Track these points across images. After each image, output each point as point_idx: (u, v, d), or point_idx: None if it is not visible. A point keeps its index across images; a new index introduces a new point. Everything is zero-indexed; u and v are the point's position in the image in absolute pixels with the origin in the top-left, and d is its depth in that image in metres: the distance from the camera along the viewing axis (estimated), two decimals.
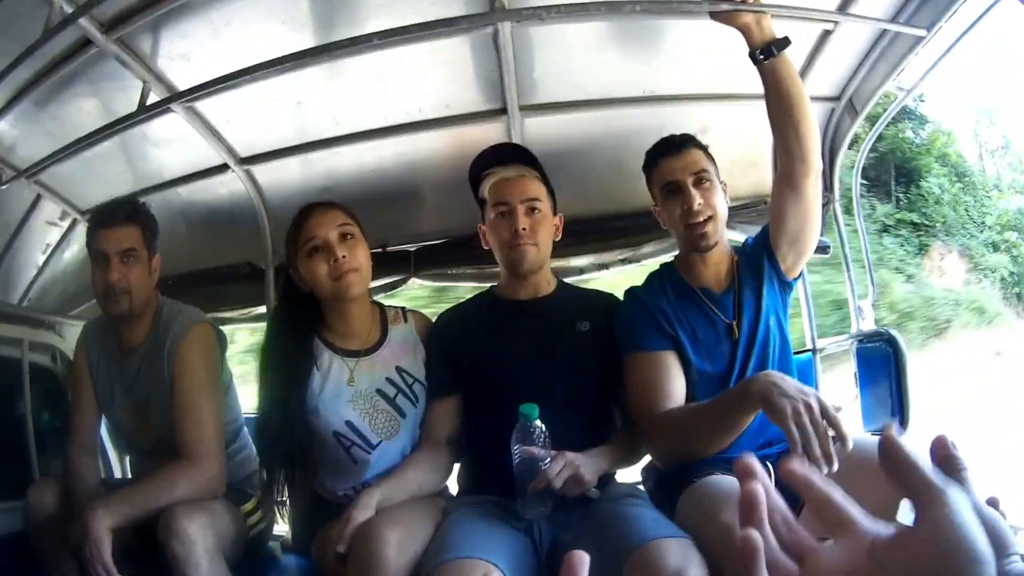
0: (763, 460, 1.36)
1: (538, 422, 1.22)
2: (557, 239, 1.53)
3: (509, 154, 1.51)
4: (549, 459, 1.21)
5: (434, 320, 1.59)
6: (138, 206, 1.57)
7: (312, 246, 1.40)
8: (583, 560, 0.42)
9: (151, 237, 1.56)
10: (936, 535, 0.43)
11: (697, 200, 1.40)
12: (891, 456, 0.49)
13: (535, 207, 1.45)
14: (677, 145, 1.46)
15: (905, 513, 0.52)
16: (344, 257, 1.39)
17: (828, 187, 2.12)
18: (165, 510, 1.31)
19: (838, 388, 2.17)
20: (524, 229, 1.43)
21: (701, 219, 1.41)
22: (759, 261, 1.47)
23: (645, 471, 1.57)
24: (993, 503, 0.52)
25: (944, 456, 0.50)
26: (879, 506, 0.64)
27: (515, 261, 1.45)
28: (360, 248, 1.44)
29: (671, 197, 1.44)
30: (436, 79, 1.76)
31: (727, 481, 1.29)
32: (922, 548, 0.44)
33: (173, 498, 1.35)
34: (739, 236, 1.90)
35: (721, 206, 1.44)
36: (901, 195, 10.73)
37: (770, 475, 1.30)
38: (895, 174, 10.71)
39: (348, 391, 1.43)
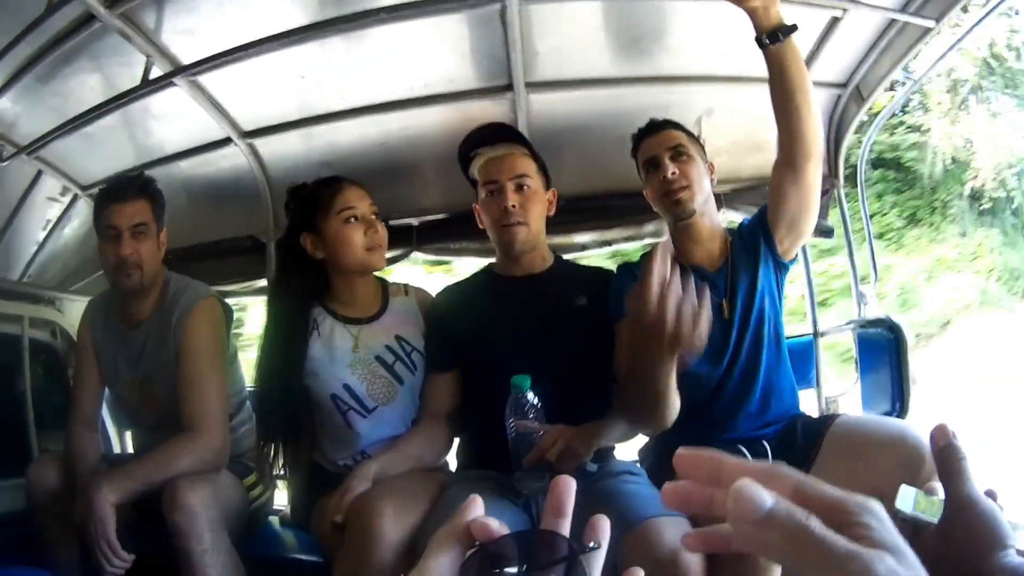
0: (760, 440, 1.37)
1: (530, 393, 1.22)
2: (551, 214, 1.54)
3: (496, 133, 1.52)
4: (543, 432, 1.22)
5: (434, 296, 1.60)
6: (148, 181, 1.58)
7: (351, 214, 1.45)
8: (606, 524, 0.44)
9: (160, 211, 1.57)
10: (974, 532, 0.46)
11: (671, 169, 1.44)
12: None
13: (524, 184, 1.46)
14: (656, 126, 1.52)
15: (904, 499, 0.52)
16: (380, 232, 1.47)
17: (833, 173, 2.12)
18: (168, 483, 1.32)
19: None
20: (514, 206, 1.43)
21: (675, 187, 1.44)
22: (755, 242, 1.48)
23: (643, 450, 1.57)
24: (991, 495, 0.52)
25: (944, 445, 0.50)
26: (874, 484, 0.65)
27: (507, 240, 1.47)
28: (384, 229, 1.51)
29: (651, 173, 1.49)
30: (440, 54, 1.75)
31: None
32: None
33: (176, 471, 1.35)
34: (743, 218, 1.89)
35: (699, 178, 1.46)
36: None
37: (767, 457, 1.31)
38: None
39: (347, 356, 1.46)
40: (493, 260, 1.63)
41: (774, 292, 1.49)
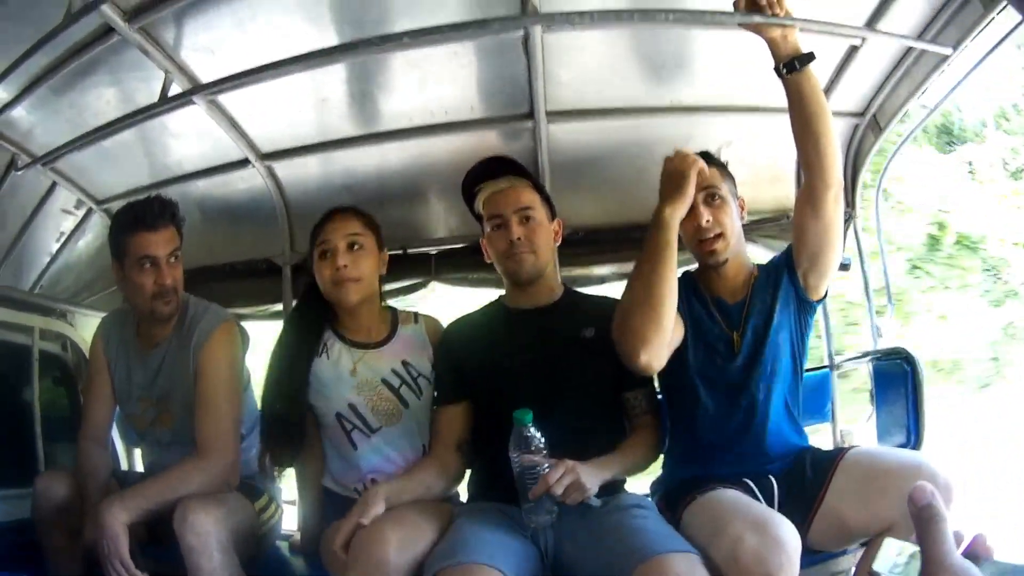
0: (767, 475, 1.36)
1: (532, 427, 1.22)
2: (557, 243, 1.53)
3: (498, 167, 1.51)
4: (547, 465, 1.21)
5: (444, 327, 1.60)
6: (174, 205, 1.56)
7: (323, 249, 1.47)
8: None
9: (183, 235, 1.58)
10: None
11: (705, 218, 1.41)
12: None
13: (528, 215, 1.45)
14: None
15: (882, 560, 0.52)
16: (345, 266, 1.45)
17: (849, 203, 2.11)
18: (180, 502, 1.32)
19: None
20: (519, 239, 1.43)
21: (710, 236, 1.42)
22: (778, 277, 1.47)
23: (653, 484, 1.57)
24: (979, 541, 0.52)
25: (922, 506, 0.50)
26: (887, 516, 0.64)
27: (514, 270, 1.46)
28: (367, 259, 1.49)
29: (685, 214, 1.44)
30: (462, 81, 1.75)
31: (731, 494, 1.29)
32: None
33: (187, 490, 1.36)
34: (761, 250, 1.89)
35: (732, 224, 1.44)
36: None
37: (773, 492, 1.29)
38: None
39: (353, 378, 1.48)
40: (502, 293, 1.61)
41: (793, 329, 1.47)
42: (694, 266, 1.55)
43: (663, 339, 1.31)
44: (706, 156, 1.47)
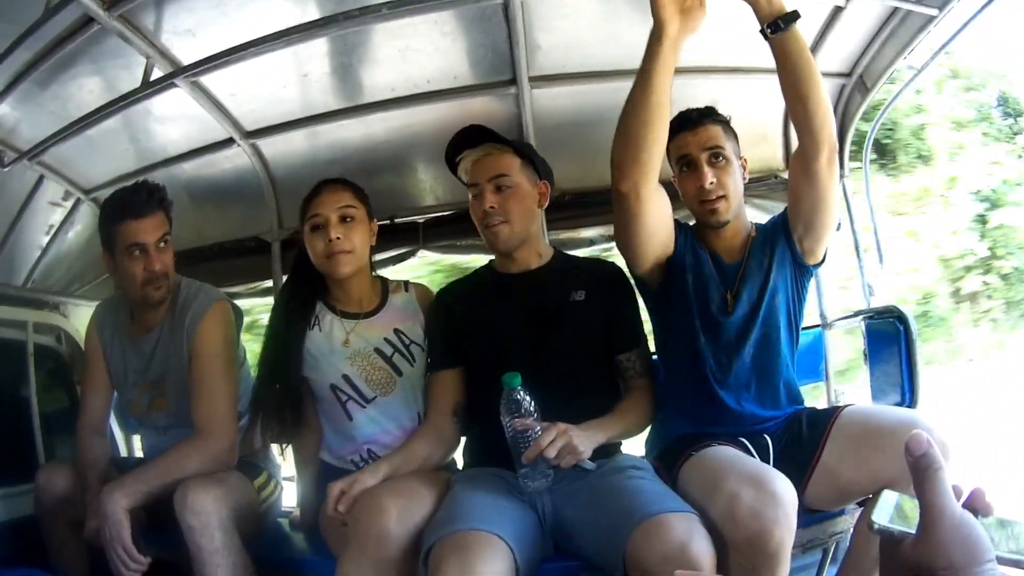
0: (762, 434, 1.36)
1: (521, 391, 1.22)
2: (543, 206, 1.51)
3: (475, 136, 1.50)
4: (540, 429, 1.21)
5: (435, 293, 1.60)
6: (162, 190, 1.56)
7: (314, 223, 1.46)
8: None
9: (171, 219, 1.57)
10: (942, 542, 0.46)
11: (709, 179, 1.40)
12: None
13: (502, 184, 1.43)
14: (694, 120, 1.45)
15: (881, 510, 0.52)
16: (338, 238, 1.45)
17: (840, 163, 2.10)
18: (180, 483, 1.32)
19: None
20: (492, 207, 1.42)
21: (712, 197, 1.40)
22: (774, 240, 1.46)
23: (648, 442, 1.57)
24: (978, 495, 0.51)
25: (918, 455, 0.49)
26: (885, 473, 0.64)
27: (490, 240, 1.47)
28: (358, 230, 1.48)
29: (686, 172, 1.44)
30: (443, 50, 1.74)
31: (727, 451, 1.29)
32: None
33: (186, 472, 1.37)
34: (750, 210, 1.88)
35: (735, 184, 1.43)
36: None
37: (768, 451, 1.29)
38: None
39: (346, 349, 1.49)
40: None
41: (790, 292, 1.47)
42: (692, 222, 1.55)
43: (643, 169, 1.24)
44: (710, 113, 1.47)
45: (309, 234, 1.47)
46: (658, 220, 1.33)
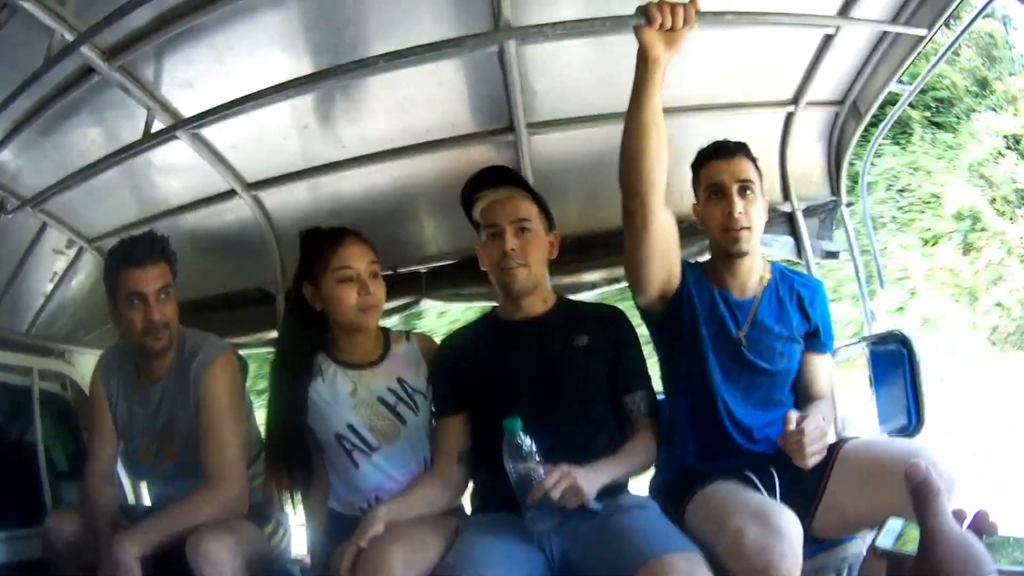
0: (768, 468, 1.34)
1: (522, 434, 1.22)
2: (552, 257, 1.53)
3: (497, 176, 1.51)
4: (543, 472, 1.21)
5: (439, 342, 1.61)
6: (165, 241, 1.57)
7: (346, 275, 1.44)
8: None
9: (176, 270, 1.58)
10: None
11: (739, 208, 1.41)
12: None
13: (525, 227, 1.45)
14: (730, 150, 1.47)
15: (886, 535, 0.53)
16: (371, 294, 1.46)
17: (835, 191, 2.14)
18: (192, 532, 1.32)
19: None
20: (513, 250, 1.42)
21: (738, 227, 1.42)
22: (800, 306, 1.50)
23: (653, 479, 1.56)
24: (982, 516, 0.52)
25: (917, 482, 0.50)
26: (891, 507, 0.65)
27: (506, 283, 1.46)
28: (382, 286, 1.50)
29: (714, 199, 1.45)
30: (441, 100, 1.76)
31: (733, 487, 1.29)
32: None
33: (198, 520, 1.37)
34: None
35: (759, 218, 1.45)
36: None
37: (775, 484, 1.28)
38: None
39: (350, 399, 1.48)
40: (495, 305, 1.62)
41: (800, 342, 1.49)
42: (703, 257, 1.56)
43: (648, 185, 1.25)
44: (744, 147, 1.49)
45: (337, 285, 1.44)
46: (664, 240, 1.34)
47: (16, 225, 2.03)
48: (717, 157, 1.46)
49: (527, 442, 1.22)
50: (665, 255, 1.37)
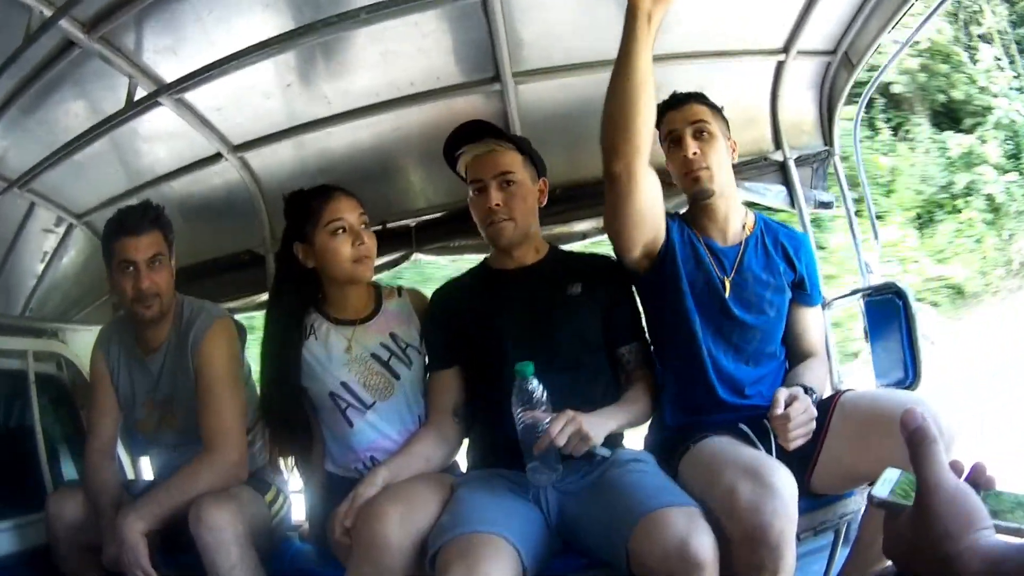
0: (762, 421, 1.33)
1: (535, 380, 1.21)
2: (542, 204, 1.52)
3: (477, 131, 1.50)
4: (549, 420, 1.20)
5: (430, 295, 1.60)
6: (159, 210, 1.58)
7: (338, 226, 1.45)
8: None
9: (171, 239, 1.58)
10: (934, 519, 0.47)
11: (692, 149, 1.43)
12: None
13: (508, 179, 1.44)
14: (680, 99, 1.49)
15: (882, 484, 0.53)
16: (366, 243, 1.46)
17: (828, 141, 2.13)
18: (194, 501, 1.33)
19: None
20: (498, 205, 1.42)
21: (695, 167, 1.43)
22: (785, 256, 1.49)
23: (647, 437, 1.56)
24: (979, 469, 0.52)
25: (913, 429, 0.50)
26: (889, 458, 0.64)
27: (493, 237, 1.46)
28: (373, 238, 1.51)
29: (673, 148, 1.47)
30: (425, 51, 1.74)
31: (725, 443, 1.29)
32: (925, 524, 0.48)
33: (198, 489, 1.37)
34: (743, 194, 1.88)
35: (719, 159, 1.45)
36: None
37: (770, 438, 1.27)
38: None
39: (343, 356, 1.48)
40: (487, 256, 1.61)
41: (787, 291, 1.49)
42: (683, 209, 1.55)
43: (634, 147, 1.22)
44: (698, 95, 1.50)
45: (330, 237, 1.44)
46: (650, 202, 1.32)
47: (4, 207, 2.02)
48: (670, 108, 1.49)
49: (538, 388, 1.21)
50: (651, 216, 1.36)
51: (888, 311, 1.83)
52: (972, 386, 4.83)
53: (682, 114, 1.46)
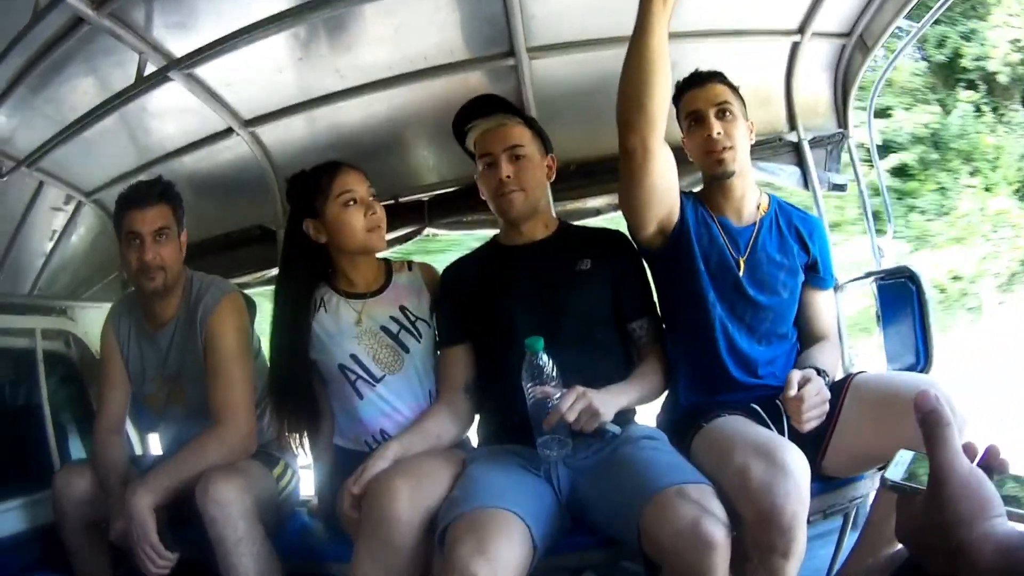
0: (775, 401, 1.32)
1: (544, 355, 1.20)
2: (550, 179, 1.52)
3: (486, 105, 1.50)
4: (559, 395, 1.19)
5: (441, 271, 1.59)
6: (167, 185, 1.58)
7: (350, 197, 1.45)
8: None
9: (180, 214, 1.58)
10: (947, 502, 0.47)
11: (716, 129, 1.41)
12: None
13: (518, 153, 1.43)
14: (703, 78, 1.48)
15: (895, 467, 0.52)
16: (378, 213, 1.47)
17: (843, 124, 2.11)
18: (202, 475, 1.33)
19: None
20: (508, 177, 1.42)
21: (719, 148, 1.41)
22: (800, 239, 1.48)
23: (659, 416, 1.55)
24: (993, 452, 0.51)
25: (927, 411, 0.49)
26: (904, 440, 0.64)
27: (504, 209, 1.45)
28: (383, 209, 1.51)
29: (694, 127, 1.46)
30: (438, 25, 1.73)
31: (737, 422, 1.28)
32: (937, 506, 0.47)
33: (207, 463, 1.37)
34: (757, 175, 1.86)
35: (741, 138, 1.44)
36: None
37: (782, 418, 1.25)
38: None
39: (353, 329, 1.48)
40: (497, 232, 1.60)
41: (799, 273, 1.48)
42: (697, 188, 1.54)
43: (649, 122, 1.21)
44: (719, 74, 1.49)
45: (342, 209, 1.45)
46: (664, 178, 1.31)
47: (13, 186, 2.01)
48: (692, 86, 1.47)
49: (548, 363, 1.20)
50: (665, 192, 1.34)
51: (901, 295, 1.81)
52: None
53: (705, 93, 1.45)
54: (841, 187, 2.09)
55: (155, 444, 1.95)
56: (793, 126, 2.08)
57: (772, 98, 1.98)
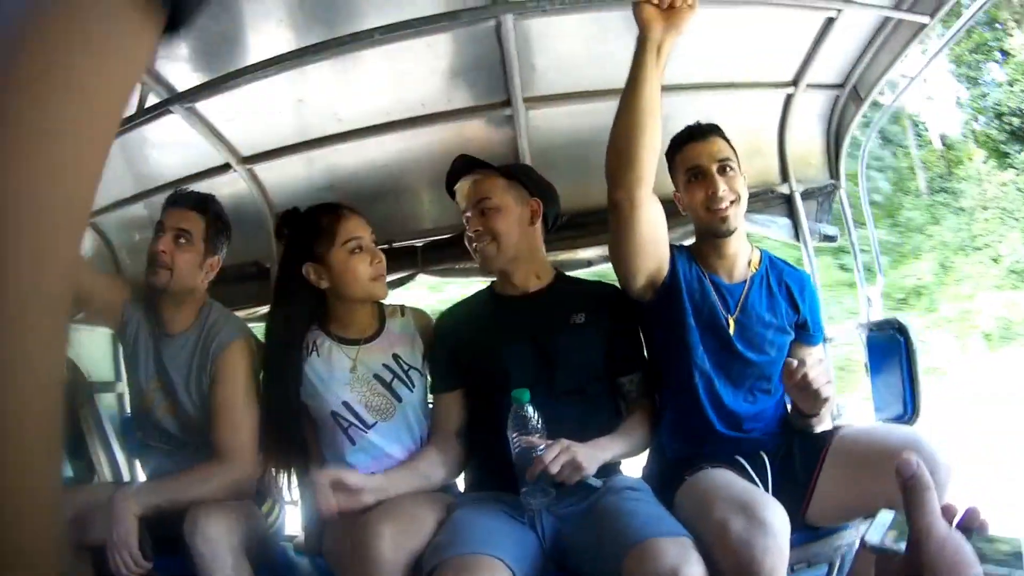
0: (759, 454, 1.33)
1: (530, 407, 1.22)
2: (535, 223, 1.51)
3: (463, 166, 1.53)
4: (544, 446, 1.21)
5: (435, 318, 1.60)
6: (212, 201, 1.61)
7: (356, 244, 1.46)
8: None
9: (214, 233, 1.59)
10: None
11: (722, 187, 1.41)
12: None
13: (485, 207, 1.45)
14: (703, 132, 1.47)
15: (874, 530, 0.54)
16: (382, 261, 1.49)
17: (835, 174, 2.13)
18: (191, 508, 1.33)
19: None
20: (477, 230, 1.44)
21: (724, 205, 1.41)
22: (790, 297, 1.49)
23: (645, 468, 1.56)
24: (972, 514, 0.52)
25: (907, 477, 0.50)
26: (887, 495, 0.65)
27: (479, 261, 1.48)
28: (382, 255, 1.52)
29: (695, 182, 1.45)
30: (437, 73, 1.75)
31: (720, 475, 1.28)
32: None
33: (203, 494, 1.38)
34: (747, 226, 1.88)
35: (743, 196, 1.45)
36: None
37: (767, 471, 1.27)
38: None
39: (346, 376, 1.48)
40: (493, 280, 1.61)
41: (789, 332, 1.49)
42: (688, 241, 1.55)
43: (636, 176, 1.24)
44: (718, 128, 1.49)
45: (347, 256, 1.45)
46: (652, 231, 1.33)
47: None
48: (693, 140, 1.47)
49: (534, 415, 1.22)
50: (654, 246, 1.36)
51: (889, 346, 1.83)
52: None
53: (707, 149, 1.44)
54: (832, 238, 2.11)
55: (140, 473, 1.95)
56: (785, 178, 2.10)
57: (764, 149, 2.00)
